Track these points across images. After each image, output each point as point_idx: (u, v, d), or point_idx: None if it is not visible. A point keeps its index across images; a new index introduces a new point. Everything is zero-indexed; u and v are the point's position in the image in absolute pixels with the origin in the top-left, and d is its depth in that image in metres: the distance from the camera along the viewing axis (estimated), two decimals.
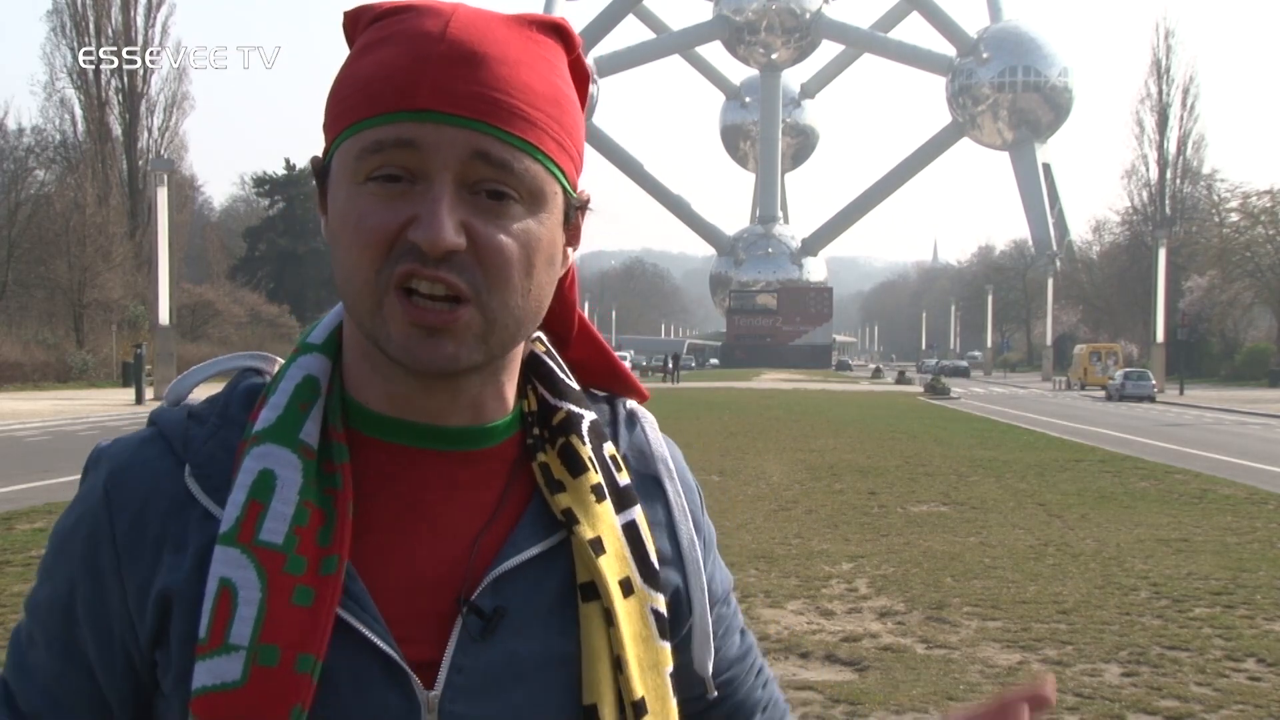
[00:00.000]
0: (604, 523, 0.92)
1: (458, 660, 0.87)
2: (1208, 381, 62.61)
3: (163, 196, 35.47)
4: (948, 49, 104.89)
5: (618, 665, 0.89)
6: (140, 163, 54.22)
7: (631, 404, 1.05)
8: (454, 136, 0.83)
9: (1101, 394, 49.30)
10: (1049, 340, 76.50)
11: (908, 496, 13.17)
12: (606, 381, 1.05)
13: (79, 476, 0.94)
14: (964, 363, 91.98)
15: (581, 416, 0.96)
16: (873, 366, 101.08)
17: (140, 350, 35.12)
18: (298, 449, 0.87)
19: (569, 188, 0.90)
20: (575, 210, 0.92)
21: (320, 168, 0.89)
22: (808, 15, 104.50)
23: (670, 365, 62.34)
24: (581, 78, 0.92)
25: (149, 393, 33.57)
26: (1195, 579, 8.53)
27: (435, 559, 0.89)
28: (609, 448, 0.97)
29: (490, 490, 0.92)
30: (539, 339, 1.00)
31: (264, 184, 76.73)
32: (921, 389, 52.38)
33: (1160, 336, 51.44)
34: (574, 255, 0.96)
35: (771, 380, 67.31)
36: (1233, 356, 66.95)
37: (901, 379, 68.08)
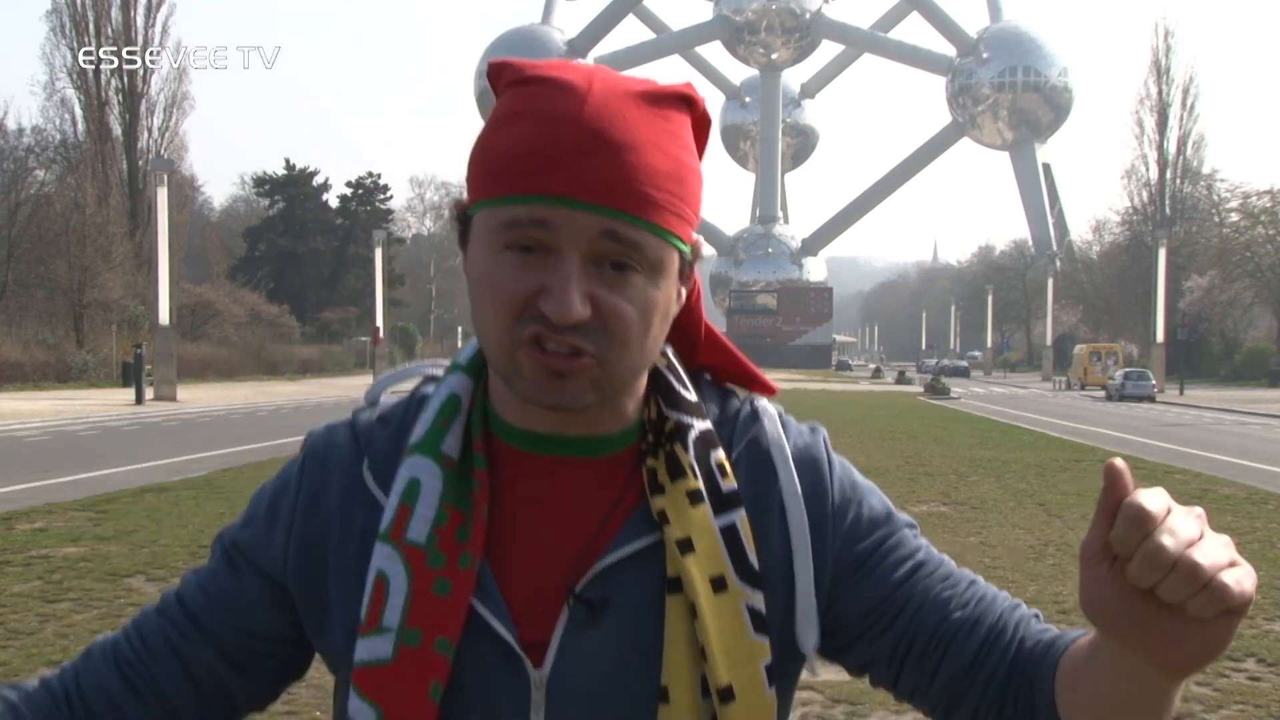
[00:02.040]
0: (696, 524, 1.00)
1: (564, 644, 0.99)
2: (1208, 381, 62.62)
3: (163, 196, 35.47)
4: (948, 49, 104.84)
5: (701, 654, 0.98)
6: (140, 163, 54.27)
7: (759, 401, 1.13)
8: (584, 220, 0.92)
9: (1101, 394, 49.36)
10: (1049, 340, 76.54)
11: (908, 496, 13.14)
12: (738, 381, 1.17)
13: (79, 476, 1.01)
14: (964, 363, 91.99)
15: (690, 426, 1.05)
16: (873, 366, 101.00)
17: (140, 350, 35.06)
18: (439, 460, 1.02)
19: (683, 248, 0.99)
20: (688, 263, 1.02)
21: (462, 213, 1.02)
22: (808, 15, 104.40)
23: None
24: (703, 127, 1.01)
25: (149, 393, 33.53)
26: None
27: (555, 553, 1.01)
28: (717, 455, 1.05)
29: (611, 491, 1.04)
30: (663, 353, 1.09)
31: (264, 184, 76.81)
32: (921, 389, 52.40)
33: (1160, 336, 51.50)
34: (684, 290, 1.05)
35: (771, 380, 67.18)
36: (1233, 356, 66.95)
37: (901, 379, 68.08)
